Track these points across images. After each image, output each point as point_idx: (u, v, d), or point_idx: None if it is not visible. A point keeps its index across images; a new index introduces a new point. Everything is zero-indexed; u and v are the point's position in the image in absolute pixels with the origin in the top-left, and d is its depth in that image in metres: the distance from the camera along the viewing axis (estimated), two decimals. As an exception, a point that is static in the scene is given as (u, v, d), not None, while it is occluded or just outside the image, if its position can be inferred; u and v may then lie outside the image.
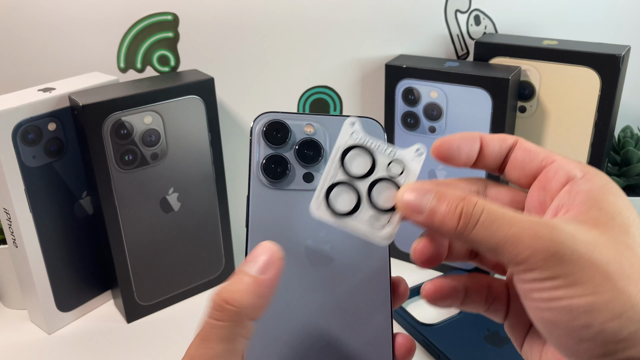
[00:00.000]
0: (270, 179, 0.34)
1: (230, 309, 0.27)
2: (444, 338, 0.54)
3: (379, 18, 0.66)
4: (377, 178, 0.32)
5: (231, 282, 0.28)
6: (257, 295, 0.27)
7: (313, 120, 0.35)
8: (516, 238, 0.26)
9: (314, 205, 0.32)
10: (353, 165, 0.32)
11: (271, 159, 0.34)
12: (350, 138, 0.33)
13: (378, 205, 0.32)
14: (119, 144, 0.56)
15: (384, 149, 0.32)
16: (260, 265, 0.28)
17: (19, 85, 0.62)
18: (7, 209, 0.55)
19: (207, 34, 0.66)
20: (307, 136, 0.35)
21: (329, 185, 0.32)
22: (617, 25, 0.69)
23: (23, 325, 0.61)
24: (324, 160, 0.35)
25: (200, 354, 0.27)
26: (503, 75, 0.57)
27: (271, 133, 0.35)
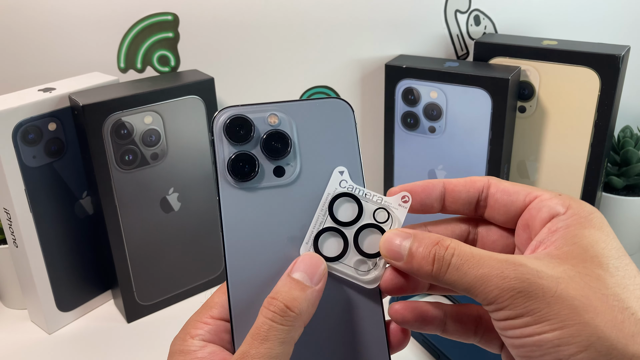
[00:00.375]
0: (239, 179, 0.33)
1: (292, 315, 0.29)
2: (444, 338, 0.54)
3: (379, 18, 0.66)
4: (363, 224, 0.33)
5: (289, 289, 0.30)
6: (312, 305, 0.30)
7: (276, 110, 0.34)
8: (485, 278, 0.27)
9: (304, 250, 0.33)
10: (340, 212, 0.33)
11: (237, 158, 0.33)
12: (339, 186, 0.33)
13: (364, 250, 0.33)
14: (119, 144, 0.56)
15: (371, 197, 0.33)
16: (316, 279, 0.31)
17: (19, 85, 0.62)
18: (8, 208, 0.55)
19: (207, 34, 0.66)
20: (272, 128, 0.33)
21: (317, 232, 0.33)
22: (616, 25, 0.69)
23: (23, 325, 0.61)
24: (293, 151, 0.33)
25: (259, 353, 0.29)
26: (503, 76, 0.57)
27: (233, 130, 0.33)
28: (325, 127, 0.34)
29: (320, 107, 0.34)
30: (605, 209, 0.68)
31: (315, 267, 0.31)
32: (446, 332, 0.33)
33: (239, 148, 0.33)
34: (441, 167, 0.65)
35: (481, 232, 0.34)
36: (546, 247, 0.29)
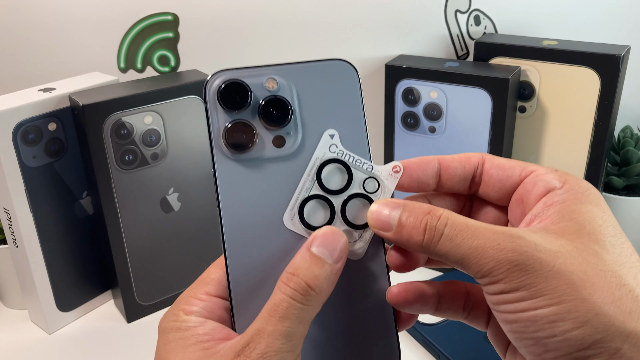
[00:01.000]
0: (236, 151, 0.30)
1: (312, 294, 0.28)
2: (444, 338, 0.54)
3: (379, 18, 0.66)
4: (351, 194, 0.31)
5: (309, 265, 0.28)
6: (332, 283, 0.29)
7: (274, 73, 0.31)
8: (479, 250, 0.26)
9: (287, 216, 0.31)
10: (329, 180, 0.31)
11: (234, 128, 0.30)
12: (329, 151, 0.31)
13: (351, 221, 0.31)
14: (119, 144, 0.56)
15: (361, 164, 0.31)
16: (337, 256, 0.29)
17: (19, 85, 0.62)
18: (8, 208, 0.55)
19: (207, 34, 0.66)
20: (271, 93, 0.31)
21: (303, 199, 0.31)
22: (617, 25, 0.69)
23: (23, 325, 0.61)
24: (294, 119, 0.31)
25: (277, 330, 0.27)
26: (503, 76, 0.57)
27: (228, 96, 0.30)
28: (328, 92, 0.32)
29: (322, 70, 0.31)
30: (606, 209, 0.68)
31: (337, 242, 0.29)
32: (439, 310, 0.32)
33: (235, 116, 0.30)
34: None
35: (475, 210, 0.33)
36: (541, 221, 0.28)
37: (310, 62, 0.31)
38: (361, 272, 0.32)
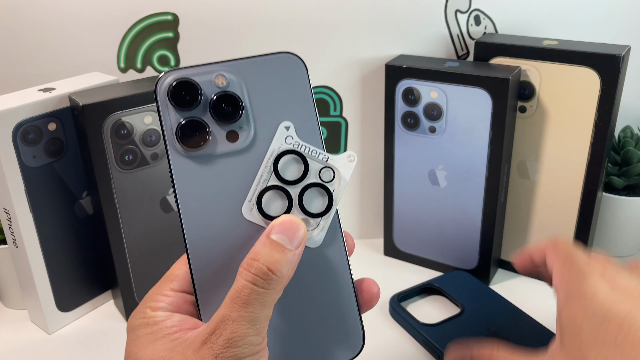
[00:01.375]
0: (190, 148, 0.31)
1: (274, 278, 0.29)
2: (444, 338, 0.54)
3: (379, 18, 0.66)
4: (308, 183, 0.32)
5: (270, 250, 0.29)
6: (292, 268, 0.30)
7: (223, 70, 0.31)
8: None
9: (246, 208, 0.31)
10: (285, 170, 0.32)
11: (185, 126, 0.31)
12: (285, 143, 0.32)
13: (308, 210, 0.32)
14: (119, 144, 0.56)
15: (317, 155, 0.32)
16: (296, 242, 0.30)
17: (19, 85, 0.62)
18: (7, 209, 0.55)
19: (207, 34, 0.66)
20: (221, 90, 0.31)
21: (261, 190, 0.31)
22: (617, 25, 0.69)
23: (23, 325, 0.61)
24: (245, 113, 0.31)
25: (240, 316, 0.28)
26: (503, 76, 0.57)
27: (179, 95, 0.31)
28: (278, 85, 0.32)
29: (271, 64, 0.32)
30: (606, 209, 0.68)
31: (295, 229, 0.30)
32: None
33: (187, 114, 0.31)
34: (441, 167, 0.65)
35: None
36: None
37: (258, 57, 0.32)
38: (321, 259, 0.33)
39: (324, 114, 0.71)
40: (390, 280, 0.67)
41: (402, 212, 0.70)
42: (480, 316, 0.56)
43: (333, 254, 0.33)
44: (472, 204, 0.64)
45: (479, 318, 0.56)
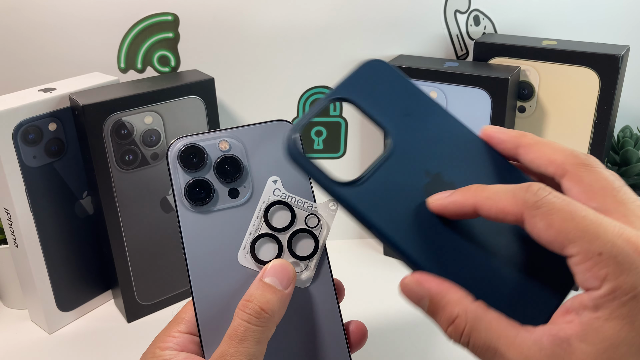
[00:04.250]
0: (196, 204, 0.35)
1: (266, 317, 0.32)
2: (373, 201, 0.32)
3: (379, 18, 0.66)
4: (296, 229, 0.36)
5: (262, 292, 0.33)
6: (283, 306, 0.33)
7: (226, 136, 0.36)
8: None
9: (241, 255, 0.35)
10: (275, 219, 0.36)
11: (193, 185, 0.35)
12: (273, 195, 0.36)
13: (297, 253, 0.36)
14: (120, 144, 0.56)
15: (302, 204, 0.36)
16: (286, 283, 0.34)
17: (19, 85, 0.62)
18: (8, 208, 0.55)
19: (207, 34, 0.66)
20: (224, 153, 0.36)
21: (253, 238, 0.35)
22: (616, 25, 0.69)
23: (24, 325, 0.62)
24: (245, 172, 0.36)
25: (237, 351, 0.31)
26: (502, 76, 0.57)
27: (187, 158, 0.35)
28: (274, 147, 0.37)
29: (267, 130, 0.37)
30: (605, 209, 0.68)
31: (285, 272, 0.34)
32: None
33: (194, 175, 0.35)
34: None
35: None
36: (572, 323, 0.26)
37: (257, 124, 0.37)
38: (312, 301, 0.36)
39: (324, 114, 0.71)
40: (390, 280, 0.67)
41: (401, 212, 0.70)
42: (414, 151, 0.34)
43: (323, 296, 0.36)
44: (472, 203, 0.64)
45: (413, 155, 0.34)
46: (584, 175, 0.28)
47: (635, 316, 0.24)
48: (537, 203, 0.26)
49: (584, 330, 0.25)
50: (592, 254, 0.25)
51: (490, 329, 0.27)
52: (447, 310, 0.28)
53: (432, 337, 0.57)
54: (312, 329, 0.36)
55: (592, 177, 0.28)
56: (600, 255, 0.25)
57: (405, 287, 0.30)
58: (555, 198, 0.26)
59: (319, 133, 0.71)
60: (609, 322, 0.25)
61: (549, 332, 0.26)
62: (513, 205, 0.27)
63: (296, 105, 0.70)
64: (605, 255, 0.25)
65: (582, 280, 0.26)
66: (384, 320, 0.60)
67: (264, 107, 0.70)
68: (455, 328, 0.28)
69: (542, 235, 0.26)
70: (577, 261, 0.25)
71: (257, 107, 0.70)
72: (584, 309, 0.26)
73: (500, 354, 0.27)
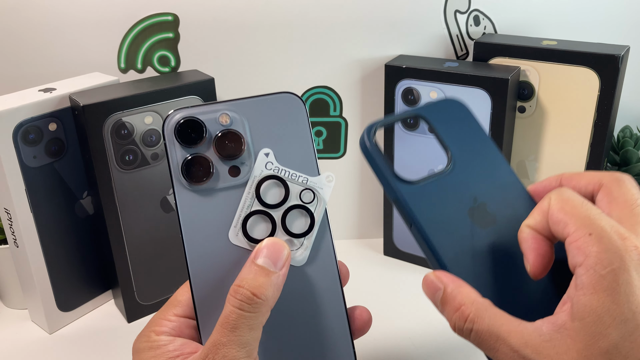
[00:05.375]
0: (194, 182, 0.33)
1: (259, 302, 0.30)
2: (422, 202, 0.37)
3: (379, 18, 0.66)
4: (290, 206, 0.34)
5: (254, 275, 0.31)
6: (277, 289, 0.31)
7: (227, 109, 0.33)
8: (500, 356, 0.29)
9: (232, 233, 0.33)
10: (267, 195, 0.33)
11: (191, 162, 0.32)
12: (265, 169, 0.33)
13: (291, 231, 0.34)
14: (120, 144, 0.56)
15: (296, 178, 0.34)
16: (280, 263, 0.32)
17: (19, 85, 0.62)
18: (8, 208, 0.55)
19: (207, 35, 0.66)
20: (224, 128, 0.33)
21: (245, 215, 0.33)
22: (616, 25, 0.69)
23: (24, 325, 0.62)
24: (247, 150, 0.33)
25: (230, 340, 0.30)
26: (502, 76, 0.58)
27: (185, 133, 0.33)
28: (278, 122, 0.34)
29: (272, 103, 0.34)
30: (605, 209, 0.68)
31: (279, 252, 0.32)
32: None
33: (192, 151, 0.33)
34: (441, 167, 0.65)
35: None
36: (566, 309, 0.29)
37: (260, 96, 0.34)
38: (313, 282, 0.34)
39: (324, 114, 0.71)
40: (390, 280, 0.67)
41: (401, 211, 0.70)
42: (469, 176, 0.41)
43: (324, 277, 0.34)
44: (472, 203, 0.64)
45: (468, 179, 0.40)
46: (614, 189, 0.32)
47: (614, 289, 0.27)
48: (560, 191, 0.32)
49: (573, 309, 0.28)
50: (583, 233, 0.29)
51: (494, 318, 0.30)
52: (456, 299, 0.31)
53: (432, 337, 0.58)
54: (312, 311, 0.34)
55: (620, 191, 0.32)
56: (590, 235, 0.28)
57: (426, 280, 0.33)
58: (574, 195, 0.31)
59: (319, 133, 0.71)
60: (592, 295, 0.27)
61: (548, 320, 0.29)
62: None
63: (296, 105, 0.70)
64: (594, 235, 0.28)
65: (571, 257, 0.29)
66: (383, 320, 0.60)
67: (264, 107, 0.70)
68: (461, 314, 0.30)
69: (554, 214, 0.31)
70: (570, 240, 0.29)
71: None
72: (574, 291, 0.28)
73: (502, 339, 0.29)
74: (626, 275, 0.27)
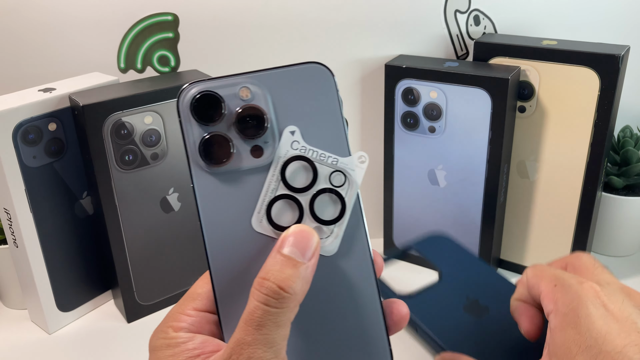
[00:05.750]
0: (213, 164, 0.29)
1: (286, 296, 0.27)
2: (422, 308, 0.49)
3: (379, 18, 0.66)
4: (319, 190, 0.30)
5: (280, 267, 0.28)
6: (307, 282, 0.28)
7: (248, 82, 0.30)
8: None
9: (255, 220, 0.30)
10: (294, 178, 0.30)
11: (209, 141, 0.29)
12: (291, 149, 0.30)
13: (320, 217, 0.30)
14: (119, 144, 0.56)
15: (325, 158, 0.30)
16: (309, 253, 0.29)
17: (19, 85, 0.62)
18: (8, 209, 0.55)
19: (207, 34, 0.66)
20: (245, 103, 0.30)
21: (269, 200, 0.30)
22: (616, 25, 0.69)
23: (23, 325, 0.62)
24: (270, 127, 0.30)
25: (255, 339, 0.27)
26: (502, 75, 0.57)
27: (202, 109, 0.29)
28: (305, 97, 0.30)
29: (297, 75, 0.30)
30: (605, 209, 0.68)
31: (307, 240, 0.29)
32: None
33: (210, 129, 0.29)
34: (441, 167, 0.65)
35: None
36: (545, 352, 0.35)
37: (284, 67, 0.30)
38: (345, 274, 0.31)
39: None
40: (390, 280, 0.67)
41: (401, 211, 0.70)
42: (459, 283, 0.52)
43: (357, 269, 0.31)
44: (472, 203, 0.64)
45: (458, 285, 0.52)
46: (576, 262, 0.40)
47: (576, 322, 0.33)
48: (533, 265, 0.40)
49: (549, 349, 0.34)
50: (550, 287, 0.36)
51: None
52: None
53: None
54: (344, 306, 0.31)
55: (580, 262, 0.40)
56: (555, 287, 0.36)
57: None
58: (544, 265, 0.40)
59: (319, 133, 0.71)
60: (561, 332, 0.33)
61: None
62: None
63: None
64: (558, 286, 0.35)
65: (545, 308, 0.36)
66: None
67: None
68: None
69: (529, 280, 0.39)
70: (542, 295, 0.36)
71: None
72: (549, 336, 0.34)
73: None
74: (584, 309, 0.33)
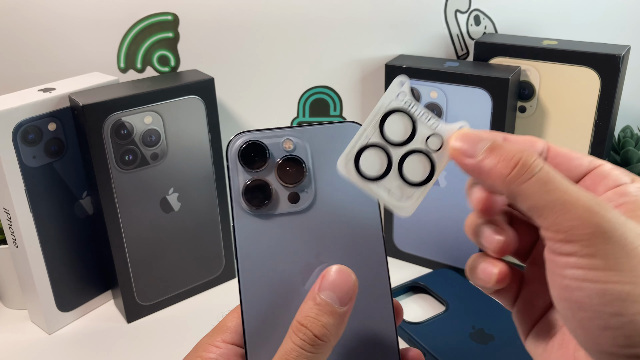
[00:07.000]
0: (254, 207, 0.32)
1: (321, 344, 0.29)
2: (430, 336, 0.55)
3: (379, 18, 0.66)
4: (412, 149, 0.30)
5: (317, 314, 0.29)
6: (341, 327, 0.30)
7: (291, 135, 0.33)
8: (567, 205, 0.25)
9: (342, 161, 0.30)
10: (391, 130, 0.30)
11: (252, 185, 0.32)
12: (396, 99, 0.30)
13: (406, 177, 0.30)
14: (119, 144, 0.56)
15: (427, 119, 0.30)
16: (348, 299, 0.29)
17: (19, 85, 0.62)
18: (8, 209, 0.55)
19: (207, 34, 0.66)
20: (287, 153, 0.33)
21: (362, 145, 0.30)
22: (617, 25, 0.69)
23: (23, 325, 0.61)
24: (308, 177, 0.33)
25: None
26: (503, 75, 0.57)
27: (248, 156, 0.32)
28: (340, 151, 0.32)
29: (335, 131, 0.33)
30: (606, 209, 0.68)
31: (345, 285, 0.29)
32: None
33: (254, 175, 0.32)
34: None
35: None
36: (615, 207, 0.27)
37: (324, 124, 0.33)
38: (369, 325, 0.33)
39: (324, 114, 0.71)
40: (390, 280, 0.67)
41: (402, 212, 0.70)
42: (465, 314, 0.58)
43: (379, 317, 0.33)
44: (472, 204, 0.64)
45: (464, 315, 0.57)
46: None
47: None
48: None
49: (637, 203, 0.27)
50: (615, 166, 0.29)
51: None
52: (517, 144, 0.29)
53: (433, 337, 0.58)
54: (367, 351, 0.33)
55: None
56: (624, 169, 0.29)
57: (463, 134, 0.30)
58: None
59: (319, 133, 0.71)
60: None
61: None
62: None
63: (296, 105, 0.70)
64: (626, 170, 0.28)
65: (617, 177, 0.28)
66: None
67: (264, 107, 0.70)
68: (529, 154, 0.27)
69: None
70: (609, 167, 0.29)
71: (257, 107, 0.70)
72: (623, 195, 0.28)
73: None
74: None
